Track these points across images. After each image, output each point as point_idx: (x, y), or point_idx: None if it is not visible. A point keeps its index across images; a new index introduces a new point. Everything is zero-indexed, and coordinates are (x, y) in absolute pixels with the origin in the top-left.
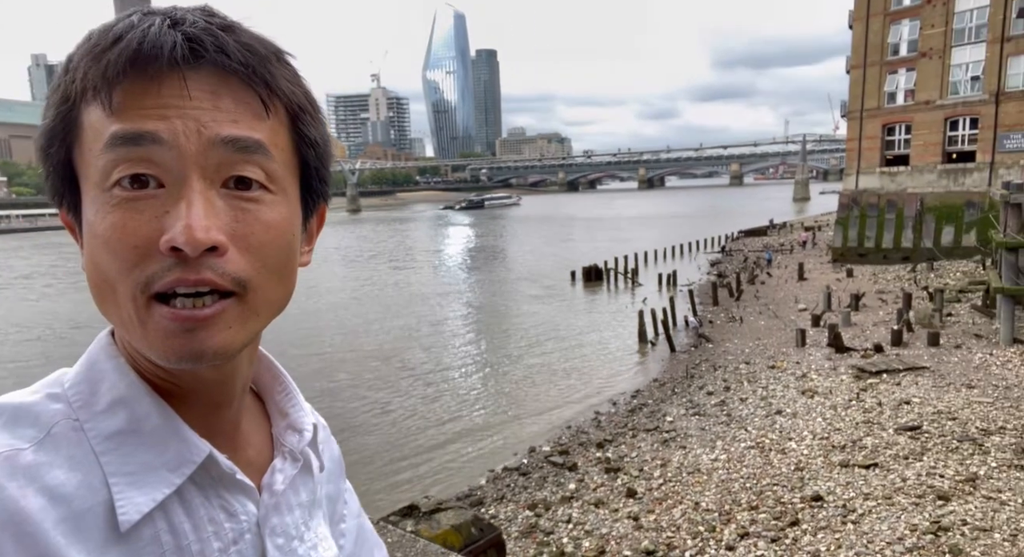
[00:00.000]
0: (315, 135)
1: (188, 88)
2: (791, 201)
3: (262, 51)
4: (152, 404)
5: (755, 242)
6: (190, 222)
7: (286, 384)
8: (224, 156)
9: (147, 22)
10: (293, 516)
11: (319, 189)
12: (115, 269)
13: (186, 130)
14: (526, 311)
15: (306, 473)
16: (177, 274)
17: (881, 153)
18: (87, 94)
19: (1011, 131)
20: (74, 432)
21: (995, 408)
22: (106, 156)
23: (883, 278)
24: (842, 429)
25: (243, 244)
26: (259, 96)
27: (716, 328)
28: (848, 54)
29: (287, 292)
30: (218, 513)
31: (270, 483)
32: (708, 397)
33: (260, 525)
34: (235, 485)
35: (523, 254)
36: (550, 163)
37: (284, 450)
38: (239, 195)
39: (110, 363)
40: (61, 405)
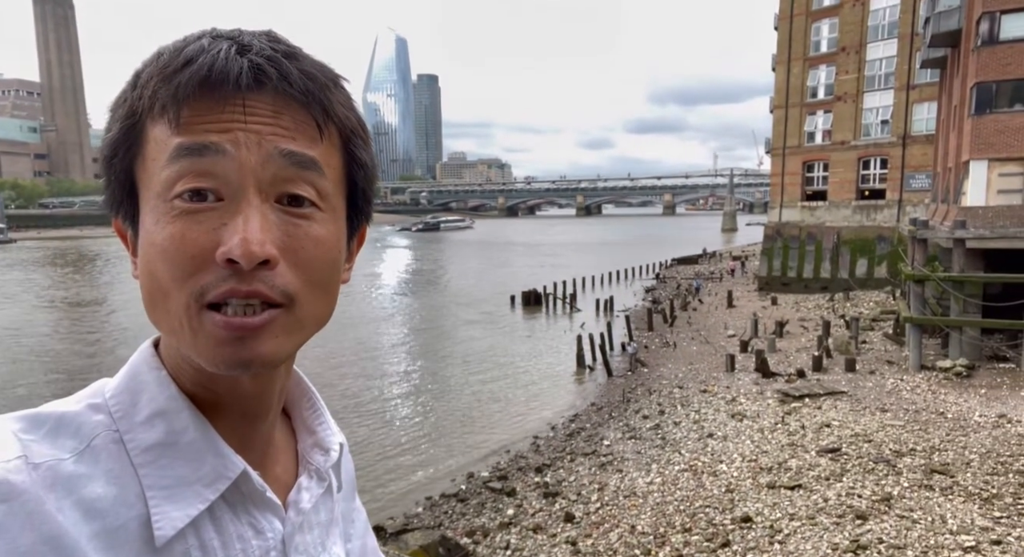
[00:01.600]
0: (365, 157)
1: (249, 108)
2: (720, 231)
3: (321, 79)
4: (190, 417)
5: (687, 270)
6: (247, 235)
7: (314, 401)
8: (280, 170)
9: (216, 47)
10: (313, 534)
11: (364, 209)
12: (170, 277)
13: (247, 141)
14: (465, 336)
15: (328, 492)
16: (231, 285)
17: (802, 188)
18: (155, 110)
19: (916, 172)
20: (114, 444)
21: (906, 431)
22: (170, 168)
23: (804, 306)
24: (769, 452)
25: (293, 259)
26: (315, 120)
27: (651, 353)
28: (772, 95)
29: (330, 307)
30: (246, 530)
31: (296, 501)
32: (644, 421)
33: (285, 543)
34: (264, 502)
35: (462, 278)
36: (490, 188)
37: (311, 468)
38: (291, 211)
39: (152, 375)
40: (102, 416)
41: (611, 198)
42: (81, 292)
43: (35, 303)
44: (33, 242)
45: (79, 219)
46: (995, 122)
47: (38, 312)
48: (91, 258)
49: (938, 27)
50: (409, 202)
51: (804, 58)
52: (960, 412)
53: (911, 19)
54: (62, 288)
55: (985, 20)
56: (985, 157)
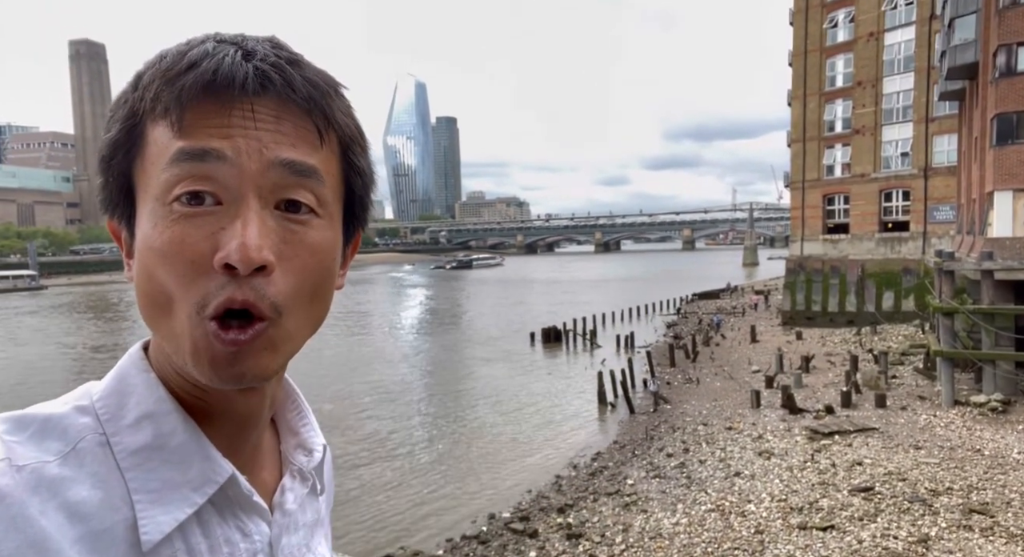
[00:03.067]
0: (363, 165)
1: (255, 112)
2: (741, 265)
3: (323, 86)
4: (179, 421)
5: (709, 305)
6: (245, 240)
7: (298, 402)
8: (281, 178)
9: (221, 51)
10: (298, 536)
11: (361, 216)
12: (172, 283)
13: (248, 149)
14: (485, 374)
15: (312, 493)
16: (229, 292)
17: (823, 221)
18: (156, 112)
19: (939, 204)
20: (100, 447)
21: (941, 469)
22: (170, 170)
23: (830, 340)
24: (799, 491)
25: (288, 265)
26: (316, 127)
27: (674, 389)
28: (788, 129)
29: (321, 314)
30: (234, 533)
31: (281, 502)
32: (668, 459)
33: (272, 545)
34: (251, 506)
35: (482, 316)
36: (509, 226)
37: (293, 469)
38: (289, 217)
39: (140, 377)
40: (89, 418)
41: (630, 234)
42: (99, 337)
43: (49, 347)
44: (63, 288)
45: (108, 265)
46: (1018, 153)
47: (52, 357)
48: (116, 303)
49: (954, 60)
50: (429, 241)
51: (820, 93)
52: (997, 449)
53: (927, 53)
54: (79, 334)
55: (1002, 53)
56: (1010, 188)
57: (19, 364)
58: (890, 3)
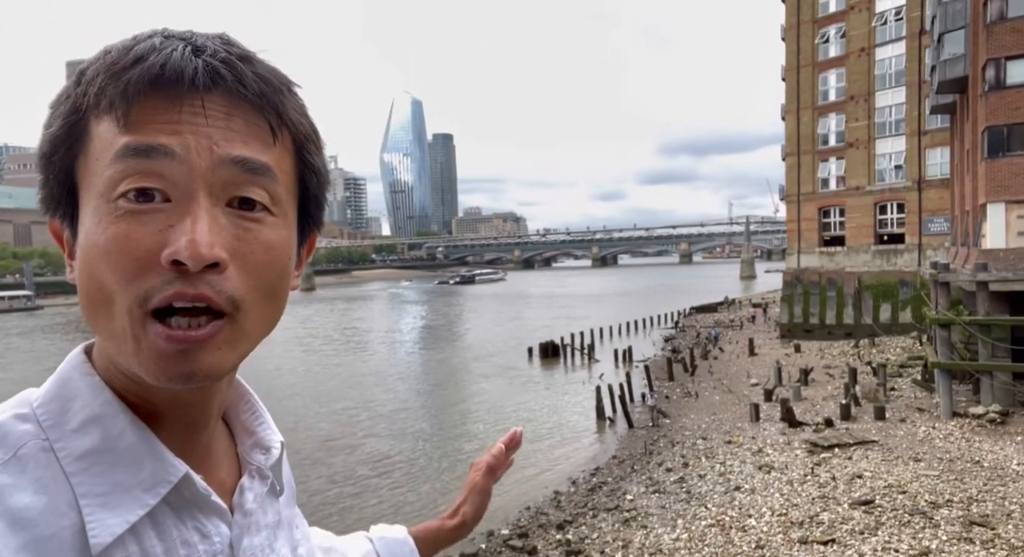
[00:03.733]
0: (318, 163)
1: (205, 109)
2: (738, 279)
3: (275, 83)
4: (127, 422)
5: (707, 318)
6: (195, 237)
7: (252, 402)
8: (232, 175)
9: (169, 46)
10: (260, 537)
11: (315, 216)
12: (114, 280)
13: (198, 146)
14: (483, 389)
15: (271, 494)
16: (176, 288)
17: (819, 234)
18: (100, 107)
19: (934, 216)
20: (43, 452)
21: (941, 481)
22: (115, 167)
23: (829, 353)
24: (799, 504)
25: (242, 263)
26: (269, 124)
27: (672, 403)
28: (783, 143)
29: (277, 313)
30: (192, 535)
31: (241, 503)
32: (667, 474)
33: (233, 546)
34: (209, 506)
35: (480, 331)
36: (506, 241)
37: (251, 468)
38: (243, 215)
39: (84, 381)
40: (30, 425)
41: (627, 248)
42: None
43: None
44: (60, 308)
45: None
46: (1009, 165)
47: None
48: None
49: (944, 74)
50: (426, 257)
51: (813, 107)
52: (997, 460)
53: (917, 67)
54: None
55: (991, 67)
56: (1002, 200)
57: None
58: (880, 19)
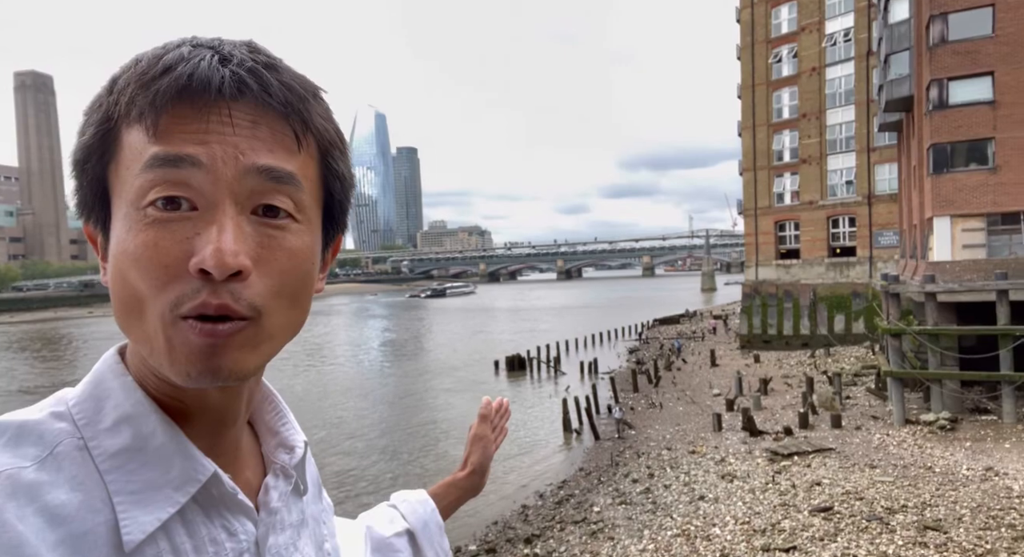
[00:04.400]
0: (342, 169)
1: (232, 118)
2: (699, 291)
3: (300, 90)
4: (158, 422)
5: (670, 330)
6: (220, 246)
7: (276, 403)
8: (257, 184)
9: (197, 55)
10: (285, 535)
11: (340, 220)
12: (145, 286)
13: (224, 156)
14: (449, 403)
15: (295, 493)
16: (203, 297)
17: (775, 247)
18: (131, 117)
19: (883, 229)
20: (78, 451)
21: (896, 487)
22: (144, 176)
23: (787, 363)
24: (761, 512)
25: (266, 269)
26: (294, 131)
27: (637, 414)
28: (740, 159)
29: (301, 317)
30: (220, 533)
31: (266, 501)
32: (633, 485)
33: (259, 544)
34: (236, 505)
35: (447, 345)
36: (471, 255)
37: (276, 467)
38: (267, 222)
39: (117, 381)
40: (65, 424)
41: (591, 261)
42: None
43: None
44: (5, 326)
45: (53, 301)
46: (953, 181)
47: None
48: (57, 341)
49: (891, 94)
50: (391, 271)
51: (768, 124)
52: (947, 466)
53: (865, 87)
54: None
55: (934, 87)
56: (947, 214)
57: None
58: (830, 40)
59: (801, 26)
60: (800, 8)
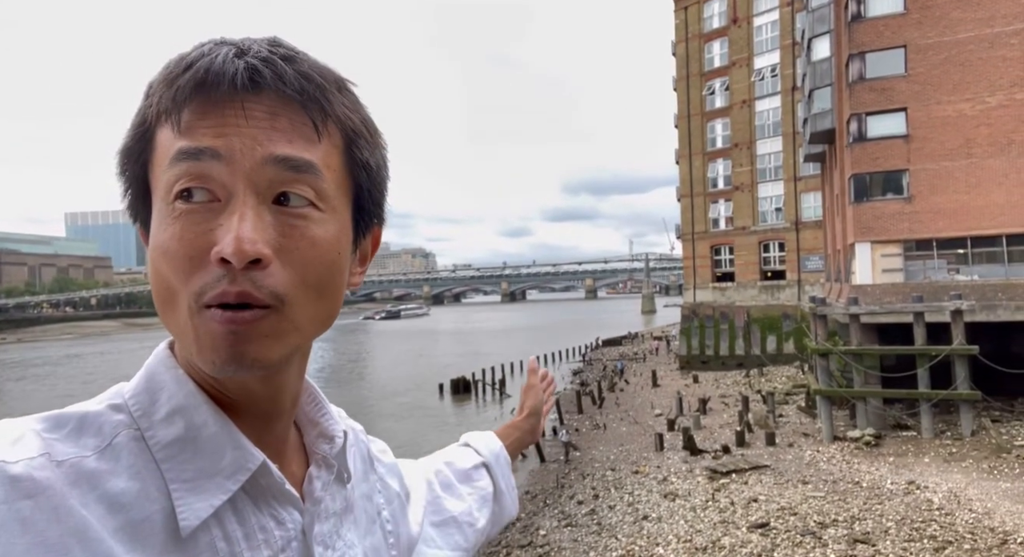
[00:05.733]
0: (368, 158)
1: (246, 110)
2: (640, 313)
3: (319, 79)
4: (209, 413)
5: (613, 351)
6: (239, 234)
7: (314, 394)
8: (276, 174)
9: (216, 51)
10: (328, 524)
11: (372, 210)
12: (174, 278)
13: (242, 147)
14: (393, 430)
15: (338, 481)
16: (224, 286)
17: (712, 270)
18: (161, 117)
19: (810, 254)
20: (135, 441)
21: (827, 502)
22: (170, 171)
23: (724, 383)
24: (702, 530)
25: (288, 258)
26: (312, 121)
27: (582, 436)
28: (678, 185)
29: (329, 309)
30: (268, 521)
31: (310, 491)
32: (579, 506)
33: (306, 532)
34: (283, 494)
35: (388, 369)
36: (415, 277)
37: (318, 458)
38: (288, 211)
39: (169, 374)
40: (123, 415)
41: (535, 284)
42: None
43: None
44: None
45: None
46: (872, 209)
47: None
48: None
49: (815, 127)
50: None
51: (703, 153)
52: (873, 480)
53: (791, 119)
54: None
55: (853, 121)
56: (867, 240)
57: None
58: (758, 75)
59: (732, 61)
60: (731, 44)
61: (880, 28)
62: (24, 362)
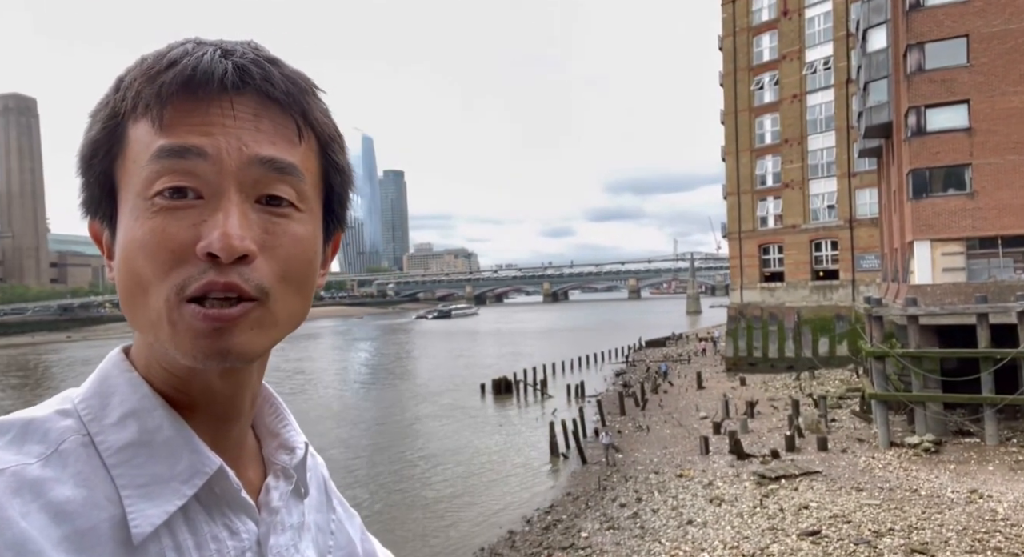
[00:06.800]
0: (342, 162)
1: (234, 110)
2: (685, 314)
3: (301, 84)
4: (164, 416)
5: (656, 352)
6: (227, 230)
7: (276, 405)
8: (261, 174)
9: (200, 50)
10: (285, 537)
11: (339, 214)
12: (151, 272)
13: (228, 147)
14: (436, 429)
15: (296, 496)
16: (210, 277)
17: (760, 270)
18: (137, 111)
19: (865, 253)
20: (83, 448)
21: (883, 510)
22: (151, 167)
23: (772, 386)
24: (750, 537)
25: (271, 255)
26: (295, 123)
27: (625, 438)
28: (724, 183)
29: (305, 307)
30: (221, 531)
31: (267, 501)
32: (621, 509)
33: (260, 543)
34: (238, 503)
35: (431, 368)
36: (457, 277)
37: (276, 468)
38: (271, 210)
39: (123, 377)
40: (71, 421)
41: (577, 284)
42: (4, 407)
43: None
44: None
45: (32, 325)
46: (932, 205)
47: None
48: (32, 368)
49: (870, 120)
50: (377, 294)
51: (751, 149)
52: (933, 489)
53: (845, 114)
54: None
55: (912, 114)
56: (927, 238)
57: None
58: (810, 68)
59: (782, 54)
60: (781, 37)
61: (940, 17)
62: (89, 359)
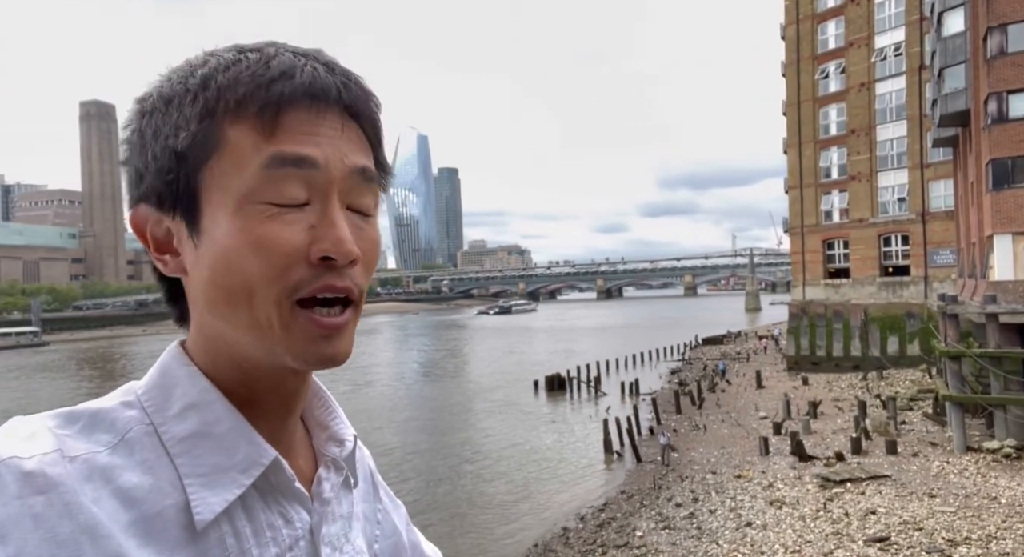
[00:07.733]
0: (387, 163)
1: (342, 124)
2: (744, 311)
3: (372, 96)
4: (223, 409)
5: (713, 350)
6: (341, 235)
7: (325, 398)
8: (355, 183)
9: (303, 62)
10: (336, 526)
11: None
12: (260, 274)
13: (334, 158)
14: (489, 425)
15: (345, 486)
16: (328, 280)
17: (823, 266)
18: (241, 114)
19: (939, 248)
20: (148, 437)
21: (958, 517)
22: (264, 173)
23: (837, 386)
24: (812, 541)
25: (363, 259)
26: (367, 134)
27: (680, 436)
28: (785, 176)
29: None
30: (277, 519)
31: (319, 492)
32: (677, 509)
33: (313, 532)
34: (292, 493)
35: (486, 364)
36: (511, 274)
37: (327, 460)
38: (357, 216)
39: (183, 370)
40: (135, 411)
41: (631, 280)
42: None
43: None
44: (64, 344)
45: (110, 320)
46: (1014, 197)
47: None
48: (115, 359)
49: (946, 108)
50: (431, 290)
51: (815, 141)
52: (1015, 497)
53: (918, 102)
54: (77, 392)
55: (993, 100)
56: (1009, 231)
57: None
58: (879, 55)
59: (849, 41)
60: (848, 23)
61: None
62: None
